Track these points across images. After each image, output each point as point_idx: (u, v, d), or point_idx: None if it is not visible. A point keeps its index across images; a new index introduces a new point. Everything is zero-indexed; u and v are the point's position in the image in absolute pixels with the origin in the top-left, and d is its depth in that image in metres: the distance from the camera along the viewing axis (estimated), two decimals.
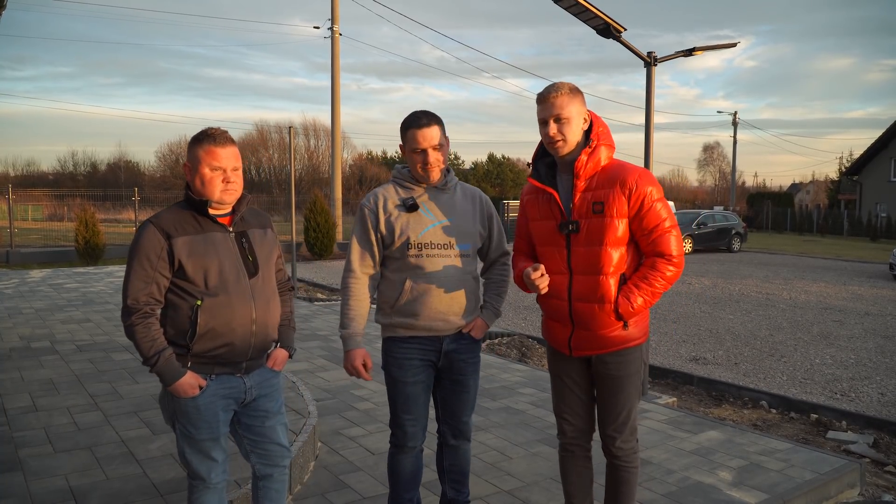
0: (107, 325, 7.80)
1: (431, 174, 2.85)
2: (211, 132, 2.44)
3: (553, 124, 2.62)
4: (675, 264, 2.62)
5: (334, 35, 23.00)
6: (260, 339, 2.52)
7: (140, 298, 2.35)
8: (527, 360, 7.23)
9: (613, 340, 2.67)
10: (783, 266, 18.98)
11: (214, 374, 2.46)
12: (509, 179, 59.74)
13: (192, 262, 2.38)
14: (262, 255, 2.58)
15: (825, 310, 11.15)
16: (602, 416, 2.81)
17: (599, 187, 2.63)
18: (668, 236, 2.61)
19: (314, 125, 50.97)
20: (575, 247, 2.66)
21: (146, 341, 2.34)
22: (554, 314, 2.77)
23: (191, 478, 2.54)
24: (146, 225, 2.40)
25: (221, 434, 2.51)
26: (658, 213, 2.60)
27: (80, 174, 55.08)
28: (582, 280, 2.65)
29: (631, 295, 2.61)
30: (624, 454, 2.81)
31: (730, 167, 53.62)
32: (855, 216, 37.92)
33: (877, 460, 4.69)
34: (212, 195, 2.44)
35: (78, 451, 3.91)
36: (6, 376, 5.49)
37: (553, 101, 2.61)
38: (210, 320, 2.39)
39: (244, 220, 2.59)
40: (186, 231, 2.41)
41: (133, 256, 2.37)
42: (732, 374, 6.95)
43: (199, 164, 2.42)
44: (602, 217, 2.60)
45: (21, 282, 11.71)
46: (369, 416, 4.81)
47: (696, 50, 6.40)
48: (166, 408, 2.50)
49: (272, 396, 2.65)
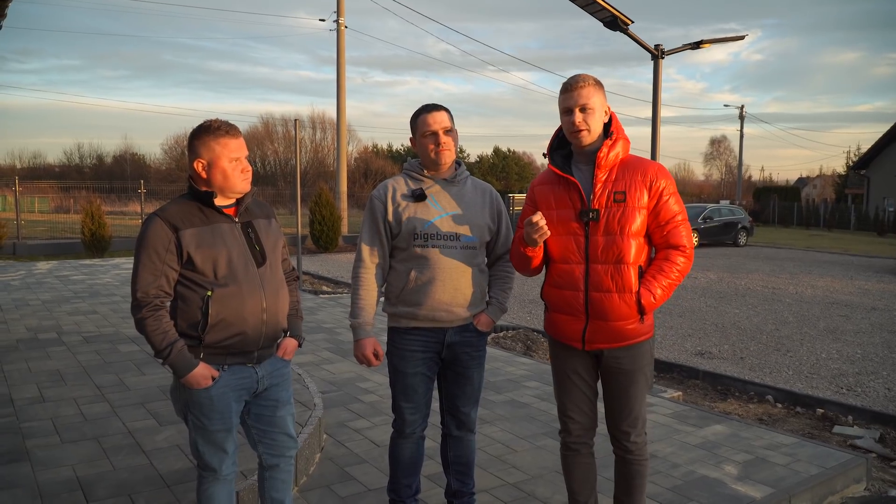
0: (113, 316, 7.83)
1: (443, 157, 2.85)
2: (218, 124, 2.43)
3: (578, 113, 2.63)
4: (687, 256, 2.68)
5: (340, 28, 22.96)
6: (271, 328, 2.53)
7: (150, 292, 2.35)
8: (532, 353, 7.24)
9: (628, 333, 2.68)
10: (789, 260, 18.92)
11: (227, 364, 2.47)
12: (514, 173, 59.69)
13: (200, 253, 2.38)
14: (269, 244, 2.58)
15: (832, 304, 11.11)
16: (614, 412, 2.81)
17: (619, 178, 2.67)
18: (680, 228, 2.67)
19: (320, 118, 51.04)
20: (593, 236, 2.65)
21: (158, 334, 2.35)
22: (565, 307, 2.74)
23: (201, 468, 2.55)
24: (152, 218, 2.39)
25: (234, 425, 2.52)
26: (672, 207, 2.67)
27: (86, 166, 55.34)
28: (600, 269, 2.64)
29: (651, 286, 2.63)
30: (637, 448, 2.82)
31: (736, 161, 53.54)
32: (862, 211, 37.76)
33: (883, 455, 4.67)
34: (235, 187, 2.45)
35: (85, 442, 3.93)
36: (13, 367, 5.52)
37: (580, 91, 2.63)
38: (221, 310, 2.39)
39: (249, 210, 2.59)
40: (193, 223, 2.41)
41: (141, 250, 2.37)
42: (738, 369, 6.94)
43: (217, 157, 2.41)
44: (623, 206, 2.62)
45: (28, 273, 11.77)
46: (374, 408, 4.82)
47: (703, 43, 6.36)
48: (178, 399, 2.50)
49: (283, 386, 2.66)
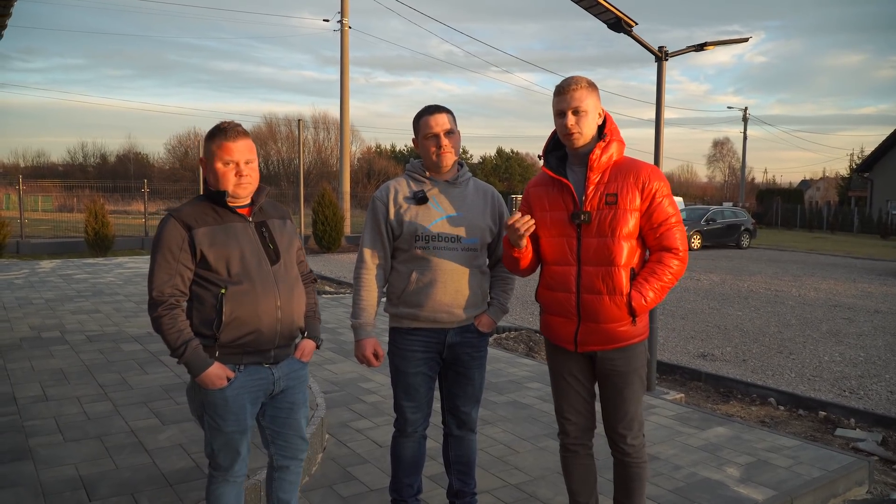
0: (116, 315, 7.85)
1: (444, 159, 2.85)
2: (223, 126, 2.46)
3: (571, 116, 2.63)
4: (680, 258, 2.66)
5: (344, 28, 22.98)
6: (286, 326, 2.53)
7: (165, 290, 2.38)
8: (534, 354, 7.23)
9: (620, 336, 2.67)
10: (792, 263, 18.89)
11: (243, 364, 2.48)
12: (517, 174, 59.64)
13: (213, 251, 2.40)
14: (283, 243, 2.60)
15: (834, 307, 11.09)
16: (609, 414, 2.80)
17: (612, 180, 2.66)
18: (674, 231, 2.66)
19: (323, 118, 51.06)
20: (585, 238, 2.66)
21: (173, 332, 2.36)
22: (558, 308, 2.75)
23: (212, 468, 2.56)
24: (167, 218, 2.44)
25: (248, 427, 2.52)
26: (666, 209, 2.66)
27: (89, 165, 55.42)
28: (591, 271, 2.65)
29: (643, 289, 2.62)
30: (634, 450, 2.81)
31: (739, 163, 53.48)
32: (866, 213, 37.69)
33: (885, 458, 4.67)
34: (225, 189, 2.47)
35: (87, 441, 3.94)
36: (17, 366, 5.54)
37: (572, 94, 2.63)
38: (235, 308, 2.41)
39: (263, 210, 2.62)
40: (206, 222, 2.44)
41: (156, 250, 2.41)
42: (740, 371, 6.93)
43: (212, 159, 2.45)
44: (615, 208, 2.62)
45: (31, 272, 11.79)
46: (377, 408, 4.83)
47: (707, 45, 6.34)
48: (194, 399, 2.51)
49: (299, 388, 2.67)
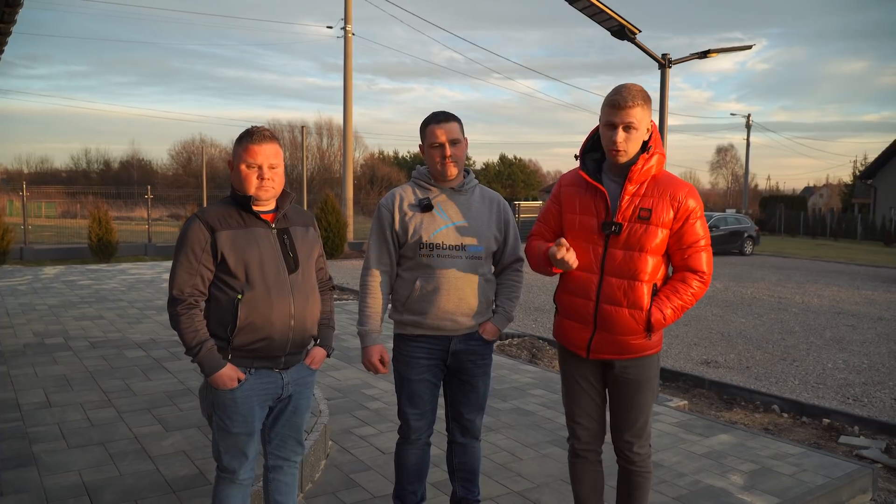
0: (119, 322, 7.86)
1: (448, 169, 2.86)
2: (251, 130, 2.50)
3: (621, 132, 2.55)
4: (703, 281, 2.64)
5: (347, 35, 23.05)
6: (298, 335, 2.56)
7: (185, 290, 2.42)
8: (537, 361, 7.23)
9: (634, 348, 2.66)
10: (796, 270, 18.85)
11: (254, 367, 2.52)
12: (520, 180, 59.66)
13: (234, 255, 2.44)
14: (304, 251, 2.63)
15: (838, 314, 11.07)
16: (618, 421, 2.80)
17: (648, 194, 2.61)
18: (702, 253, 2.63)
19: (327, 125, 51.18)
20: (612, 248, 2.63)
21: (189, 331, 2.41)
22: (575, 314, 2.73)
23: (219, 470, 2.60)
24: (192, 219, 2.48)
25: (255, 430, 2.56)
26: (697, 231, 2.62)
27: (93, 172, 55.47)
28: (614, 282, 2.62)
29: (663, 306, 2.61)
30: (640, 459, 2.80)
31: (742, 170, 53.40)
32: (869, 220, 37.59)
33: (889, 466, 4.65)
34: (247, 192, 2.49)
35: (91, 447, 3.94)
36: (20, 372, 5.55)
37: (629, 111, 2.52)
38: (250, 314, 2.45)
39: (287, 217, 2.64)
40: (230, 225, 2.47)
41: (179, 249, 2.45)
42: (744, 378, 6.92)
43: (237, 161, 2.49)
44: (647, 223, 2.59)
45: (35, 278, 11.82)
46: (380, 415, 4.83)
47: (711, 52, 6.37)
48: (205, 399, 2.56)
49: (304, 394, 2.71)
